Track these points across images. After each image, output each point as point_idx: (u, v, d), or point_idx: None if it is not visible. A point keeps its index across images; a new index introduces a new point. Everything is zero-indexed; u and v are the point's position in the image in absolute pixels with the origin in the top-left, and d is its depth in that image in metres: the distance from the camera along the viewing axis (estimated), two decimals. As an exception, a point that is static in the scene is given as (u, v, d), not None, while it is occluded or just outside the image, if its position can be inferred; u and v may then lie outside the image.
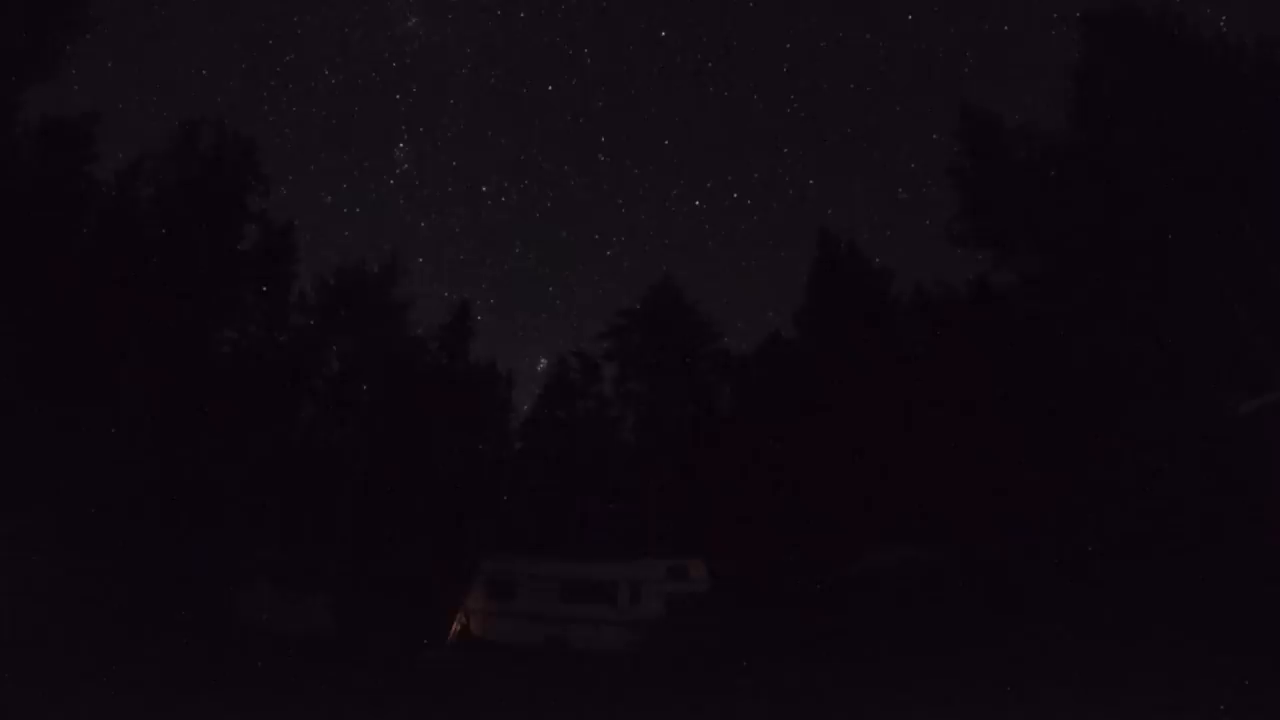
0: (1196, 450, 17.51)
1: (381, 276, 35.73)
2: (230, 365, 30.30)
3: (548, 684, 14.33)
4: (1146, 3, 23.72)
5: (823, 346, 32.85)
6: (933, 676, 11.75)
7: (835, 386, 30.25)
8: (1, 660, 10.90)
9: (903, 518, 25.20)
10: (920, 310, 33.19)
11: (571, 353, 41.72)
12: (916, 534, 22.93)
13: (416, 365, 36.48)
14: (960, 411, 26.07)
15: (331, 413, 34.19)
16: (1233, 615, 10.83)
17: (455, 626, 20.09)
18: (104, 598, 17.20)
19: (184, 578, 20.79)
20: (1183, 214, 21.38)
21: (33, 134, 25.79)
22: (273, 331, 33.05)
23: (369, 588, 23.42)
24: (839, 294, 34.08)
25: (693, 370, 38.80)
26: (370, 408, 33.53)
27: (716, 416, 37.70)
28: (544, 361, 73.92)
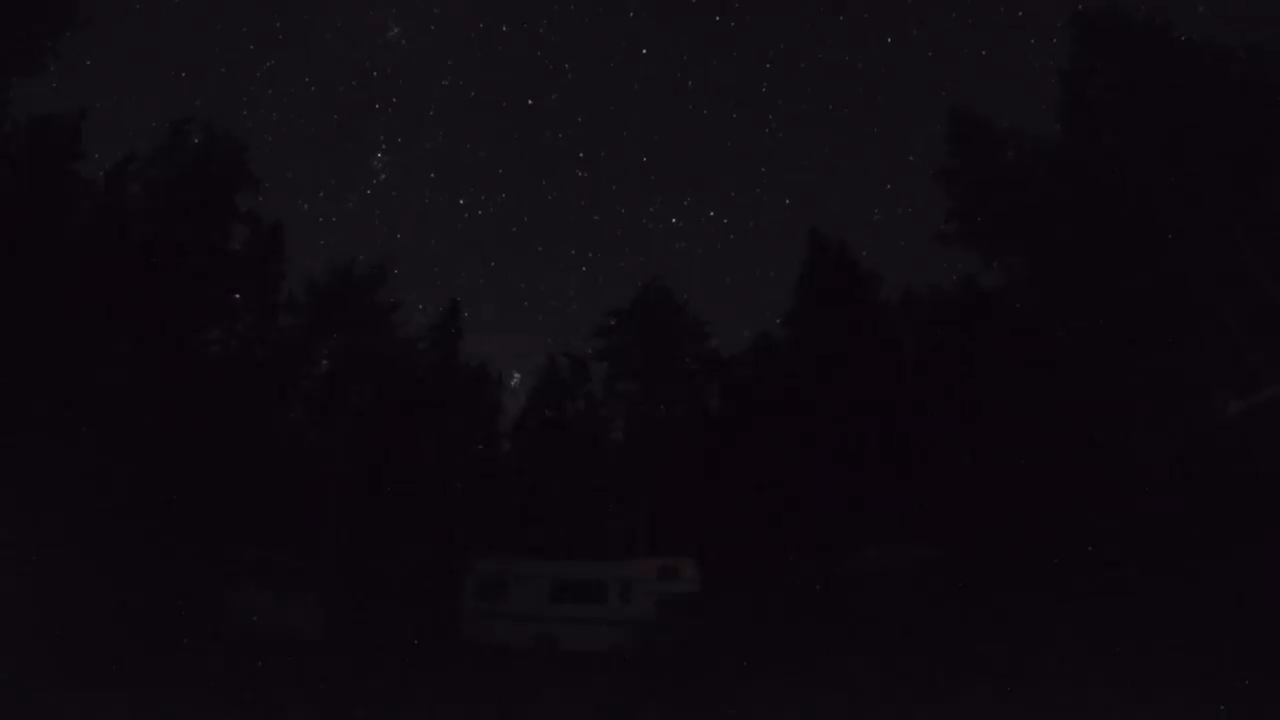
0: (1186, 450, 17.63)
1: (369, 277, 35.58)
2: (218, 365, 30.04)
3: (538, 684, 14.27)
4: (1135, 5, 23.93)
5: (812, 347, 32.84)
6: (927, 674, 11.78)
7: (825, 386, 30.30)
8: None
9: (894, 517, 25.29)
10: (909, 311, 33.30)
11: (561, 353, 41.85)
12: (909, 533, 23.02)
13: (405, 365, 36.30)
14: (951, 412, 26.20)
15: (320, 413, 33.95)
16: (1224, 615, 10.88)
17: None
18: (89, 600, 17.02)
19: (170, 579, 20.60)
20: (1171, 216, 21.54)
21: (20, 132, 25.55)
22: (261, 331, 32.80)
23: (358, 588, 23.30)
24: (827, 294, 34.05)
25: (682, 371, 38.77)
26: (359, 408, 33.34)
27: (706, 417, 37.70)
28: (517, 376, 73.80)
